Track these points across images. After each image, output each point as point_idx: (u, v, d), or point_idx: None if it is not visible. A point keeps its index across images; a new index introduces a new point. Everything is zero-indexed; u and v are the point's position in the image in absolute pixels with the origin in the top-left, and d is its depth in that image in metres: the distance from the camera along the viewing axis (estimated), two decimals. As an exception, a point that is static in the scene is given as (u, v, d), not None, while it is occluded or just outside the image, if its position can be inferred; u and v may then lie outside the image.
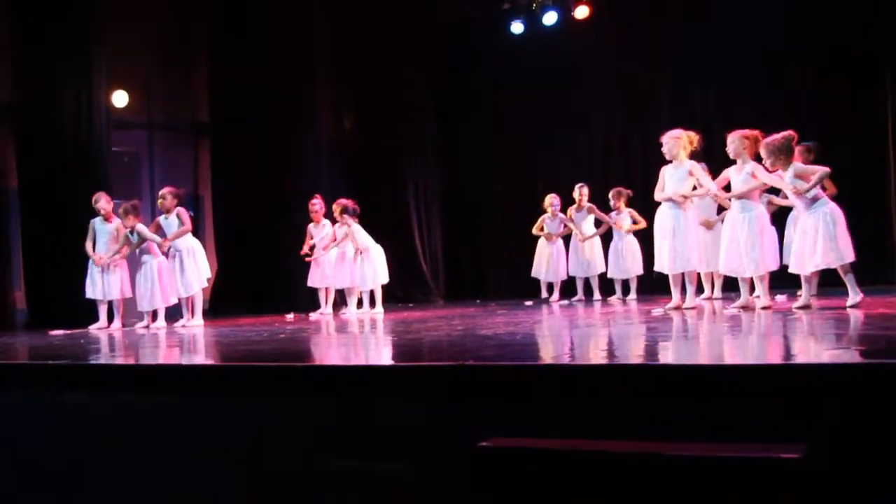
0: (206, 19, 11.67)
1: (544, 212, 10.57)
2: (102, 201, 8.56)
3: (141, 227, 8.30)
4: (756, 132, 6.44)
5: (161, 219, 8.43)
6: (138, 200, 8.72)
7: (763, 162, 6.21)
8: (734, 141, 6.44)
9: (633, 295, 9.86)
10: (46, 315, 9.10)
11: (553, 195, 10.54)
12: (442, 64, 13.28)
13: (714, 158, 8.12)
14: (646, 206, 10.64)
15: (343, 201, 9.37)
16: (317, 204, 9.51)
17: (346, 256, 9.44)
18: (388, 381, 3.40)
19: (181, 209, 8.40)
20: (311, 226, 9.58)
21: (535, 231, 10.60)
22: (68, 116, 9.70)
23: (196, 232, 9.31)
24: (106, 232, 8.52)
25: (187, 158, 12.14)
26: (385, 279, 9.52)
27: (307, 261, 9.52)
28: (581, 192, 10.22)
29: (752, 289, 6.51)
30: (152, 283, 8.24)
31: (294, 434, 3.48)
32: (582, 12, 11.85)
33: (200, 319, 8.30)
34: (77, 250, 8.74)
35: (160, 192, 8.55)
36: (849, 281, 5.88)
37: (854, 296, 5.84)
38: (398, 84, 12.73)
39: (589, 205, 10.22)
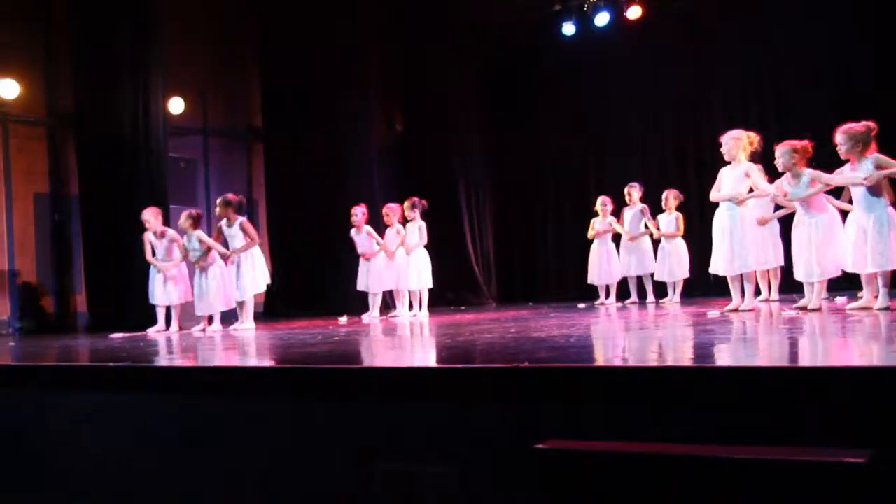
0: (258, 26, 11.83)
1: (596, 214, 10.49)
2: (152, 221, 8.67)
3: (201, 233, 8.43)
4: (805, 142, 6.36)
5: (223, 226, 8.43)
6: (201, 211, 8.84)
7: (837, 148, 6.07)
8: (783, 154, 6.35)
9: (676, 298, 9.75)
10: (107, 318, 9.30)
11: (605, 197, 10.46)
12: (493, 66, 13.28)
13: (770, 160, 7.97)
14: (701, 208, 10.54)
15: (413, 198, 9.59)
16: (357, 212, 9.57)
17: (395, 259, 9.48)
18: (442, 383, 3.39)
19: (245, 220, 8.40)
20: (352, 232, 9.66)
21: (589, 235, 10.51)
22: (127, 124, 9.91)
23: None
24: (160, 245, 8.69)
25: (242, 163, 12.33)
26: (430, 283, 9.57)
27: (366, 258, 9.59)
28: (630, 191, 10.14)
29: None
30: (212, 287, 8.35)
31: (347, 436, 3.49)
32: (634, 13, 11.75)
33: (251, 323, 8.38)
34: (135, 254, 8.92)
35: (217, 200, 8.62)
36: (883, 285, 5.86)
37: (883, 300, 5.83)
38: (448, 86, 12.76)
39: (642, 205, 10.13)
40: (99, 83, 9.84)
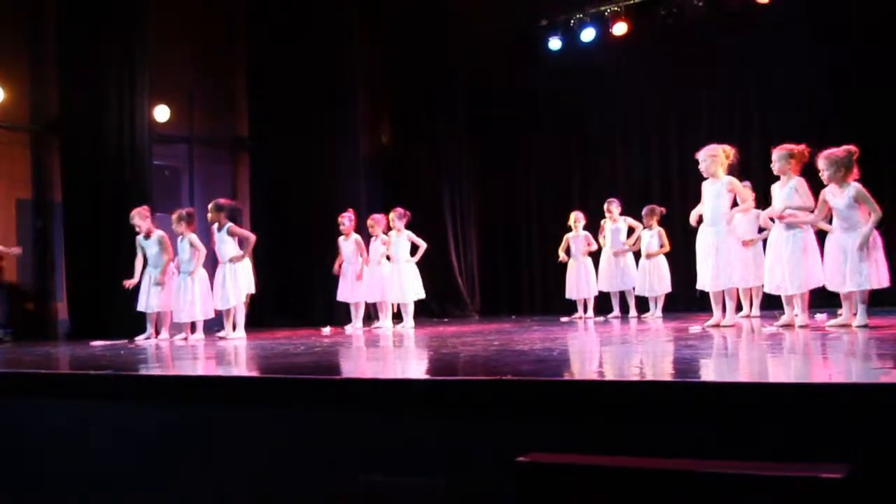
0: (246, 36, 11.84)
1: (570, 230, 10.48)
2: (136, 218, 8.52)
3: (193, 236, 8.34)
4: (803, 146, 6.37)
5: (214, 230, 8.36)
6: (193, 209, 8.76)
7: (819, 173, 6.10)
8: (780, 158, 6.35)
9: (658, 313, 9.76)
10: (88, 326, 9.23)
11: (577, 212, 10.48)
12: (479, 79, 13.31)
13: (752, 174, 8.04)
14: (684, 223, 10.59)
15: (399, 209, 9.55)
16: (345, 220, 9.52)
17: (379, 270, 9.45)
18: (424, 395, 3.40)
19: (232, 225, 8.33)
20: (340, 239, 9.59)
21: (560, 251, 10.49)
22: (112, 131, 9.87)
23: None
24: (148, 247, 8.56)
25: (226, 172, 12.29)
26: (418, 294, 9.54)
27: (336, 273, 9.52)
28: (610, 207, 10.15)
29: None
30: (192, 295, 8.26)
31: (332, 447, 3.49)
32: (620, 29, 11.83)
33: (242, 332, 8.24)
34: (118, 263, 8.86)
35: (210, 205, 8.46)
36: (862, 303, 5.90)
37: (861, 318, 5.85)
38: (435, 99, 12.79)
39: (622, 217, 10.15)
40: (84, 90, 9.79)
